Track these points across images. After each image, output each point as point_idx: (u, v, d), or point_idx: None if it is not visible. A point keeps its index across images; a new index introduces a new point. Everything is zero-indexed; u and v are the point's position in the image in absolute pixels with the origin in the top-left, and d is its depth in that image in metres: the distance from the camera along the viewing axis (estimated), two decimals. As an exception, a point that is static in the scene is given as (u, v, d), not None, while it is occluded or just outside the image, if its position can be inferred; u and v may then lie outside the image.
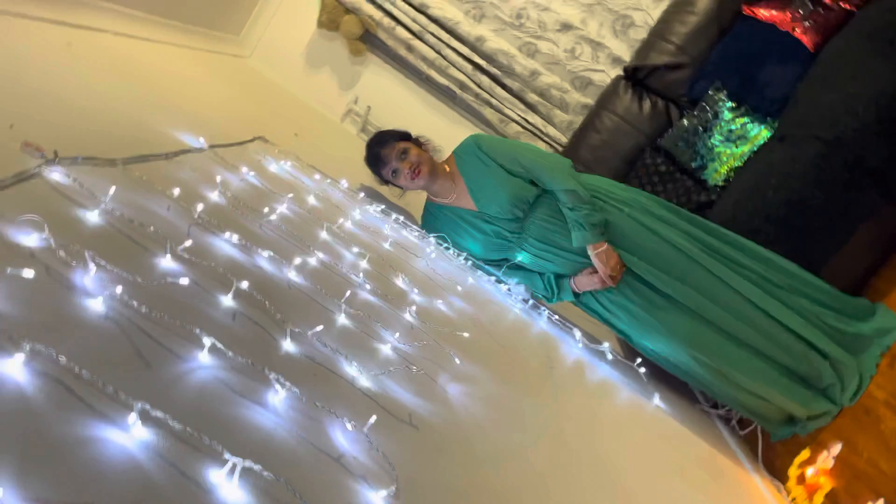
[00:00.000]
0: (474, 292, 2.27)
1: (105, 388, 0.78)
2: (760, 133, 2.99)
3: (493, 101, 3.72)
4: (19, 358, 0.75)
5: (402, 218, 2.52)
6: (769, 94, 2.99)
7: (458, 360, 1.52)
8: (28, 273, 0.83)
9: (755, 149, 2.96)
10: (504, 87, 3.72)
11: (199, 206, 1.40)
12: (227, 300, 1.18)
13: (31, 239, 0.98)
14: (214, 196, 1.60)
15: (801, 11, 2.99)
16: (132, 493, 0.70)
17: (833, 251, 2.53)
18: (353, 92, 3.97)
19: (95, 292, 0.95)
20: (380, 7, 3.74)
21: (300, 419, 0.99)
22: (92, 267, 0.97)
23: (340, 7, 3.78)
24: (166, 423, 0.79)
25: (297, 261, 1.46)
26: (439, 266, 2.26)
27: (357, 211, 2.26)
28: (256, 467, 0.78)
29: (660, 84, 3.40)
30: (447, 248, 2.50)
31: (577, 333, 2.46)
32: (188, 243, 1.20)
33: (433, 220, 2.63)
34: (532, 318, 2.41)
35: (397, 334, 1.47)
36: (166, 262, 1.17)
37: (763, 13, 3.09)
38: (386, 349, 1.41)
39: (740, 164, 3.01)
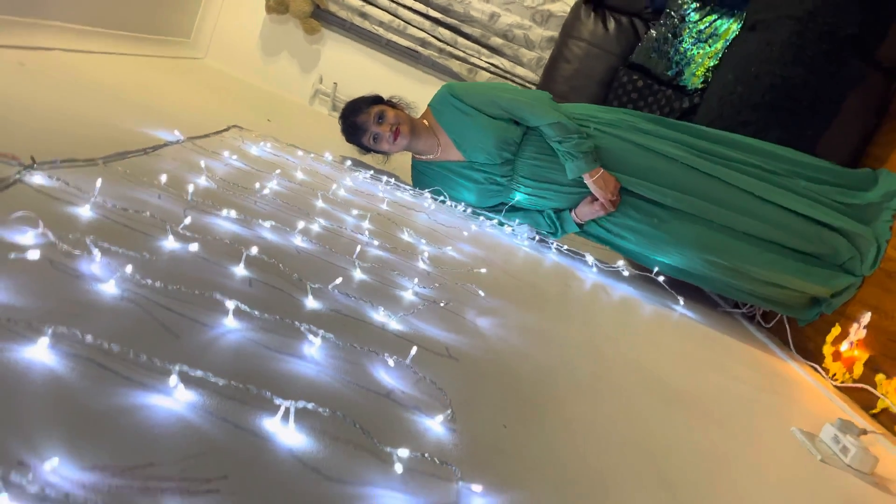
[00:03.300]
0: (480, 237, 2.24)
1: (138, 359, 0.75)
2: (730, 27, 2.95)
3: (458, 53, 3.66)
4: (43, 342, 0.72)
5: (392, 180, 2.49)
6: (732, -14, 2.95)
7: (482, 293, 1.49)
8: (33, 254, 0.79)
9: (727, 43, 2.92)
10: (465, 35, 3.66)
11: (191, 188, 1.36)
12: (240, 269, 1.15)
13: (27, 237, 0.94)
14: (202, 181, 1.56)
15: None
16: (191, 447, 0.67)
17: (825, 127, 2.50)
18: (317, 72, 3.90)
19: (105, 276, 0.92)
20: (325, -19, 3.66)
21: (341, 365, 0.96)
22: (96, 252, 0.93)
23: (285, -12, 3.70)
24: (208, 382, 0.76)
25: (301, 225, 1.43)
26: (440, 217, 2.23)
27: (348, 179, 2.22)
28: (310, 406, 0.76)
29: (621, 1, 3.34)
30: (443, 202, 2.46)
31: (590, 259, 2.44)
32: (188, 220, 1.17)
33: (423, 177, 2.59)
34: (542, 254, 2.39)
35: (416, 279, 1.44)
36: (170, 244, 1.13)
37: None
38: (408, 295, 1.38)
39: (716, 62, 2.97)
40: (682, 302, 2.36)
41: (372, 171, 2.47)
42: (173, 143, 1.78)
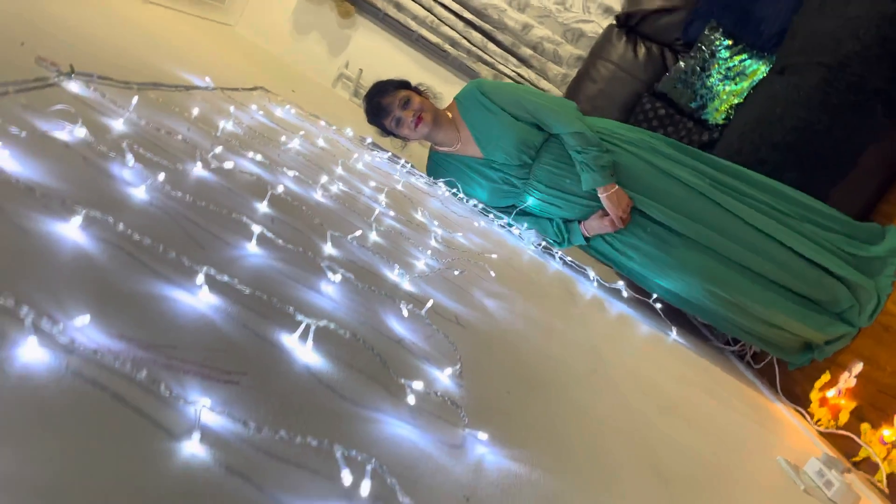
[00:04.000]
0: (488, 233, 2.24)
1: (167, 255, 0.74)
2: (759, 69, 2.98)
3: (486, 58, 3.68)
4: (75, 221, 0.71)
5: (409, 164, 2.49)
6: (765, 29, 2.98)
7: (493, 273, 1.49)
8: (81, 131, 0.78)
9: (754, 84, 2.95)
10: (496, 42, 3.68)
11: (221, 124, 1.35)
12: (263, 206, 1.14)
13: (63, 133, 0.93)
14: (230, 126, 1.56)
15: (793, -56, 2.97)
16: (212, 343, 0.66)
17: (840, 176, 2.52)
18: (344, 56, 3.91)
19: (136, 182, 0.91)
20: (365, -32, 3.68)
21: (356, 307, 0.96)
22: (130, 157, 0.93)
23: (325, -30, 3.71)
24: (233, 289, 0.75)
25: (324, 178, 1.42)
26: (452, 207, 2.23)
27: (366, 155, 2.22)
28: (332, 325, 0.75)
29: (653, 29, 3.38)
30: (456, 194, 2.46)
31: (591, 273, 2.44)
32: (218, 149, 1.16)
33: (438, 169, 2.59)
34: (546, 260, 2.39)
35: (429, 251, 1.44)
36: (198, 170, 1.13)
37: (755, -51, 3.07)
38: (420, 265, 1.38)
39: (740, 100, 2.99)
40: (674, 331, 2.37)
41: (390, 154, 2.47)
42: (203, 88, 1.78)
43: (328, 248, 1.13)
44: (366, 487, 0.53)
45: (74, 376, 0.51)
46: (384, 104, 2.51)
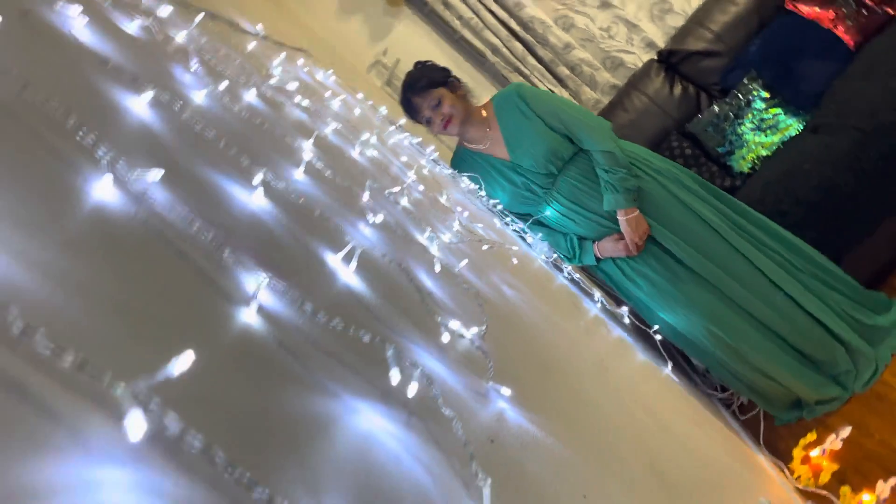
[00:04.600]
0: (504, 234, 2.23)
1: (228, 151, 0.73)
2: (791, 125, 3.00)
3: (524, 70, 3.69)
4: (146, 97, 0.70)
5: (437, 153, 2.49)
6: (805, 88, 3.00)
7: (515, 260, 1.48)
8: (165, 10, 0.78)
9: (785, 139, 2.97)
10: (536, 56, 3.70)
11: (274, 63, 1.35)
12: (308, 146, 1.13)
13: (131, 26, 0.92)
14: (278, 71, 1.55)
15: (844, 10, 3.01)
16: (263, 235, 0.65)
17: (857, 241, 2.53)
18: (384, 43, 3.92)
19: (197, 86, 0.90)
20: (420, -38, 3.71)
21: (389, 251, 0.95)
22: (195, 60, 0.92)
23: (381, -43, 3.73)
24: (286, 198, 0.74)
25: (365, 135, 1.42)
26: (474, 201, 2.23)
27: (397, 135, 2.22)
28: (377, 251, 0.74)
29: (693, 70, 3.40)
30: (479, 190, 2.46)
31: (597, 294, 2.43)
32: (274, 80, 1.15)
33: (463, 164, 2.58)
34: (555, 273, 2.38)
35: (456, 227, 1.43)
36: (250, 96, 1.12)
37: (805, 9, 3.11)
38: (444, 238, 1.37)
39: (768, 153, 3.01)
40: (670, 365, 2.36)
41: (420, 139, 2.47)
42: (255, 34, 1.77)
43: (366, 198, 1.12)
44: (413, 389, 0.51)
45: (143, 223, 0.50)
46: (415, 104, 2.49)
